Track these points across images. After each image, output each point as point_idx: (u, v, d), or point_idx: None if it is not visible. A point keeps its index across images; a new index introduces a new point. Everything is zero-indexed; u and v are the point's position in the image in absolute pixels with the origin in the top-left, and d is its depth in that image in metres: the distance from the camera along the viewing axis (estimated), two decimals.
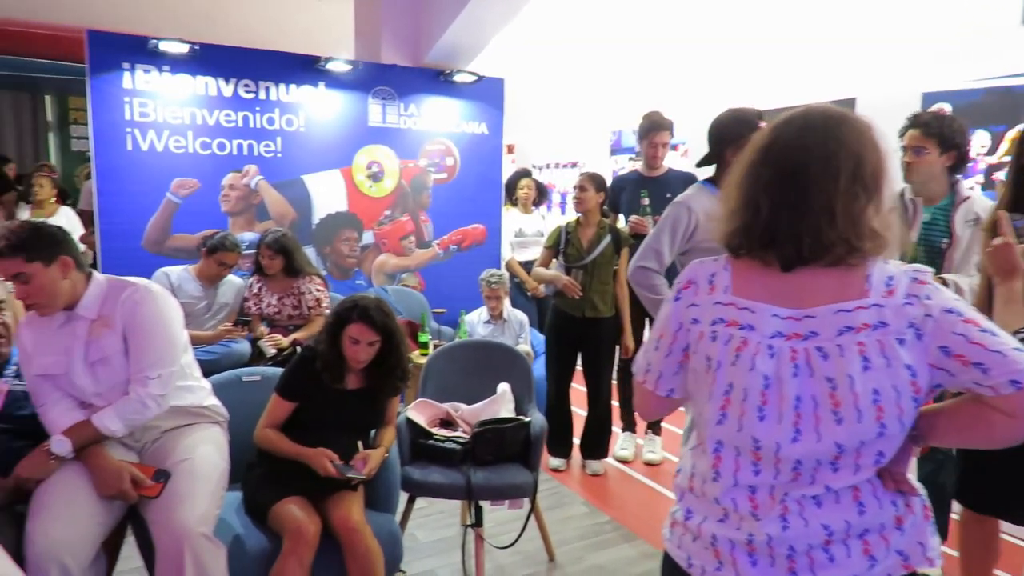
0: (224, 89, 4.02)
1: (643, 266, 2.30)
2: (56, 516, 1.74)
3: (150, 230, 3.92)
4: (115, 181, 3.79)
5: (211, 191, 4.07)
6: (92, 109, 3.71)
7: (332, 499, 2.09)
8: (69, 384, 1.94)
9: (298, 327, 3.64)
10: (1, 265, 1.83)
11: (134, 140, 3.80)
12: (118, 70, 3.72)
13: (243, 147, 4.12)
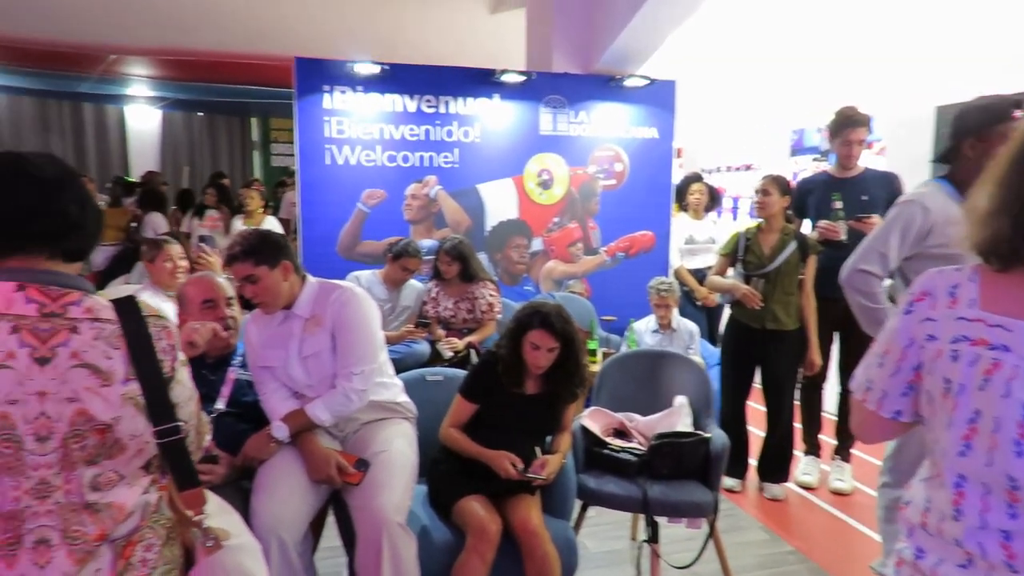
0: (409, 105, 4.31)
1: (864, 270, 2.08)
2: (275, 495, 1.93)
3: (343, 237, 4.29)
4: (315, 192, 4.20)
5: (395, 201, 4.38)
6: (298, 128, 4.15)
7: (511, 501, 2.13)
8: (285, 375, 2.15)
9: (472, 330, 3.78)
10: (235, 267, 2.07)
11: (331, 155, 4.19)
12: (319, 92, 4.13)
13: (424, 159, 4.39)
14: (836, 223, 3.24)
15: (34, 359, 1.03)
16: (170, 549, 1.19)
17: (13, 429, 1.02)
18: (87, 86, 8.65)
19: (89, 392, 1.06)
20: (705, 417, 2.66)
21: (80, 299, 1.10)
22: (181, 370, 1.20)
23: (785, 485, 3.42)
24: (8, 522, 1.03)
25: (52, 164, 1.13)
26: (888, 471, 2.13)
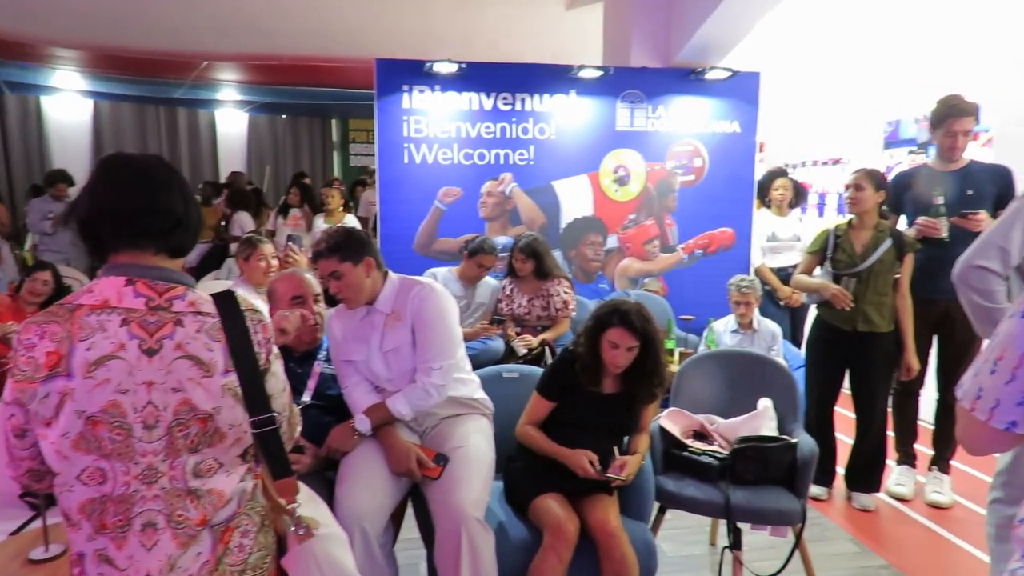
0: (485, 103, 4.34)
1: (982, 266, 1.92)
2: (358, 486, 1.98)
3: (420, 234, 4.37)
4: (394, 191, 4.29)
5: (471, 198, 4.41)
6: (378, 128, 4.24)
7: (589, 501, 2.11)
8: (367, 369, 2.20)
9: (546, 328, 3.77)
10: (321, 263, 2.13)
11: (409, 154, 4.27)
12: (399, 92, 4.21)
13: (500, 156, 4.40)
14: (937, 219, 3.03)
15: (143, 350, 1.09)
16: (264, 535, 1.24)
17: (124, 417, 1.08)
18: (181, 92, 9.17)
19: (192, 382, 1.12)
20: (791, 422, 2.55)
21: (184, 293, 1.15)
22: (275, 363, 1.24)
23: (876, 495, 3.24)
24: (119, 505, 1.09)
25: (159, 164, 1.19)
26: (1000, 486, 1.97)
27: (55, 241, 5.81)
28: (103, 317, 1.08)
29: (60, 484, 1.10)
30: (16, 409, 1.08)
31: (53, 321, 1.07)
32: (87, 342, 1.06)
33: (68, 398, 1.05)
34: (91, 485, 1.09)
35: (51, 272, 3.78)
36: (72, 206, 1.16)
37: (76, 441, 1.07)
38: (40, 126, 9.64)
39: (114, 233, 1.13)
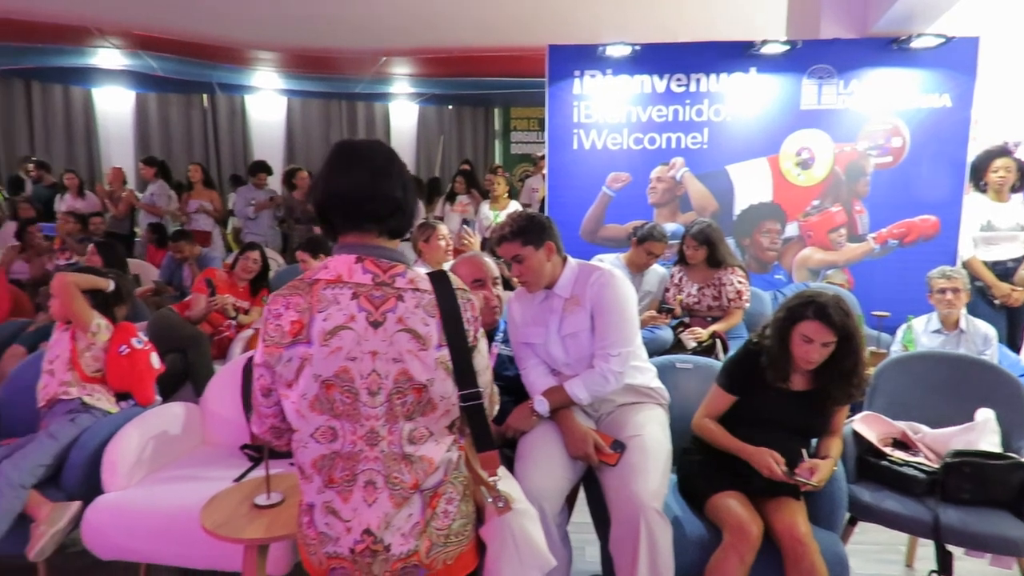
0: (658, 85, 4.21)
1: None
2: (537, 466, 2.01)
3: (587, 221, 4.36)
4: (562, 177, 4.31)
5: (640, 184, 4.32)
6: (549, 114, 4.28)
7: (773, 503, 1.99)
8: (545, 353, 2.23)
9: (716, 319, 3.61)
10: (503, 247, 2.18)
11: (579, 140, 4.26)
12: (570, 77, 4.21)
13: (671, 140, 4.26)
14: None
15: (369, 322, 1.18)
16: (466, 504, 1.29)
17: (352, 382, 1.18)
18: (361, 87, 9.88)
19: (410, 354, 1.19)
20: (1018, 438, 2.23)
21: (404, 271, 1.23)
22: (482, 340, 1.29)
23: None
24: (346, 462, 1.19)
25: (381, 152, 1.27)
26: None
27: (256, 225, 6.51)
28: (337, 291, 1.18)
29: (297, 440, 1.22)
30: (265, 371, 1.22)
31: (296, 294, 1.19)
32: (324, 313, 1.17)
33: (307, 363, 1.16)
34: (323, 443, 1.19)
35: (259, 251, 4.24)
36: (310, 190, 1.28)
37: (312, 402, 1.18)
38: (244, 122, 10.87)
39: (343, 216, 1.23)
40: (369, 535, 1.19)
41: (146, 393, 2.70)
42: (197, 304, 3.83)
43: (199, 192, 6.43)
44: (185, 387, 3.49)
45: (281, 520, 1.80)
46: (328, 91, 10.44)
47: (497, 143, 11.62)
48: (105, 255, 4.06)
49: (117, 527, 2.17)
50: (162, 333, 3.46)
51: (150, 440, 2.42)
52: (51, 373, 2.56)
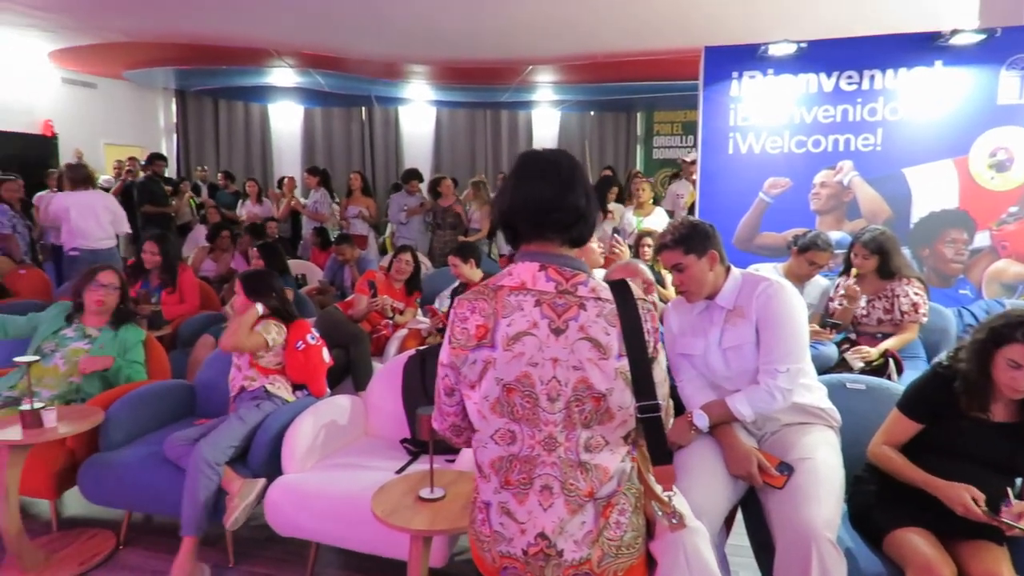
0: (825, 84, 3.94)
1: None
2: (698, 482, 1.94)
3: (741, 228, 4.17)
4: (715, 182, 4.15)
5: (800, 189, 4.07)
6: (703, 117, 4.14)
7: (968, 547, 1.78)
8: (704, 365, 2.15)
9: (887, 335, 3.30)
10: (664, 255, 2.13)
11: (735, 144, 4.09)
12: (727, 79, 4.06)
13: (839, 143, 3.97)
14: None
15: (551, 329, 1.19)
16: (637, 517, 1.27)
17: (532, 388, 1.20)
18: (507, 96, 10.14)
19: (591, 363, 1.19)
20: None
21: (586, 280, 1.23)
22: (661, 352, 1.26)
23: None
24: (524, 465, 1.22)
25: (566, 162, 1.29)
26: None
27: (408, 229, 6.87)
28: (520, 297, 1.21)
29: (477, 440, 1.26)
30: (450, 371, 1.27)
31: (481, 299, 1.23)
32: (508, 319, 1.20)
33: (490, 366, 1.20)
34: (502, 444, 1.23)
35: (411, 254, 4.47)
36: (497, 198, 1.32)
37: (494, 404, 1.21)
38: (397, 132, 11.54)
39: (529, 225, 1.26)
40: (543, 539, 1.20)
41: (319, 385, 2.93)
42: (359, 304, 4.10)
43: (357, 199, 6.90)
44: (346, 381, 3.75)
45: (443, 514, 1.87)
46: (474, 101, 10.83)
47: (639, 148, 11.45)
48: (266, 257, 4.47)
49: (294, 506, 2.36)
50: (328, 330, 3.73)
51: (322, 428, 2.62)
52: (238, 368, 2.85)
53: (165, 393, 2.94)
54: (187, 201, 7.99)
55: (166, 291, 4.27)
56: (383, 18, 6.40)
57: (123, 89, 9.84)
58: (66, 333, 2.99)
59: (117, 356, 2.98)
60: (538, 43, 7.30)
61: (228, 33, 7.07)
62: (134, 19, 6.62)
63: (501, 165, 11.18)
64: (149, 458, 2.56)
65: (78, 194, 5.17)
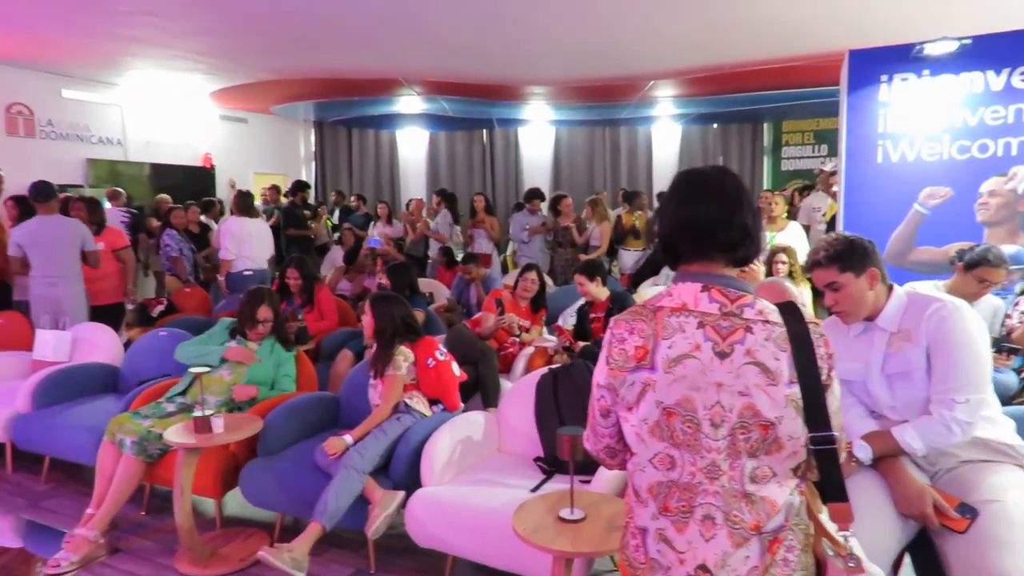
0: (993, 83, 3.58)
1: None
2: (862, 521, 1.74)
3: (893, 242, 3.85)
4: (861, 194, 3.87)
5: (963, 200, 3.70)
6: (847, 125, 3.89)
7: None
8: (863, 392, 1.99)
9: None
10: (816, 273, 2.00)
11: (884, 152, 3.80)
12: (874, 83, 3.79)
13: (1011, 146, 3.58)
14: None
15: (715, 352, 1.15)
16: (806, 555, 1.19)
17: (694, 412, 1.15)
18: (626, 112, 10.05)
19: (758, 389, 1.13)
20: None
21: (752, 302, 1.17)
22: (835, 380, 1.18)
23: None
24: (683, 492, 1.17)
25: (731, 180, 1.24)
26: None
27: (529, 248, 6.94)
28: (681, 319, 1.17)
29: (634, 464, 1.23)
30: (606, 392, 1.25)
31: (640, 319, 1.20)
32: (668, 341, 1.16)
33: (650, 388, 1.17)
34: (660, 469, 1.19)
35: (536, 272, 4.51)
36: (658, 217, 1.28)
37: (653, 427, 1.18)
38: (516, 153, 11.77)
39: (693, 245, 1.22)
40: (704, 571, 1.14)
41: (453, 400, 3.01)
42: (486, 321, 4.18)
43: (481, 219, 7.08)
44: (475, 397, 3.82)
45: (584, 536, 1.85)
46: (593, 119, 10.83)
47: (766, 160, 10.95)
48: (393, 278, 4.65)
49: (433, 518, 2.43)
50: (457, 347, 3.83)
51: (458, 444, 2.68)
52: (374, 387, 2.98)
53: (314, 404, 3.13)
54: (325, 224, 8.56)
55: (306, 309, 4.58)
56: (508, 42, 6.57)
57: (270, 122, 10.75)
58: (230, 346, 3.28)
59: (272, 368, 3.22)
60: (662, 57, 7.18)
61: (363, 66, 7.54)
62: (282, 59, 7.23)
63: (620, 182, 11.07)
64: (301, 464, 2.74)
65: (245, 220, 5.69)
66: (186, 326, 4.31)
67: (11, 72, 7.21)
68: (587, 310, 4.09)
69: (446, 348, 3.29)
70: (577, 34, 6.32)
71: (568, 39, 6.49)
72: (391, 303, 3.05)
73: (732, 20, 5.73)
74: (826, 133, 9.97)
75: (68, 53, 6.88)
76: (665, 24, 5.88)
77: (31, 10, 5.39)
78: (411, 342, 3.01)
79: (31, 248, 4.48)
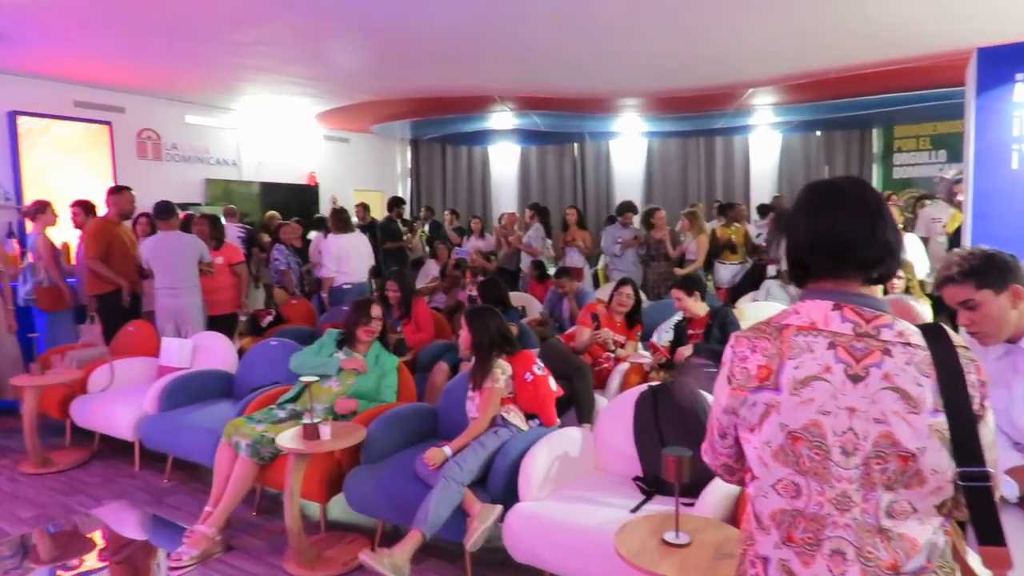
0: None
1: None
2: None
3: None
4: (992, 203, 3.57)
5: None
6: (975, 130, 3.60)
7: None
8: (1008, 422, 1.82)
9: None
10: (948, 291, 1.85)
11: (1020, 157, 3.48)
12: (1007, 83, 3.50)
13: None
14: None
15: (847, 375, 1.07)
16: None
17: (823, 438, 1.08)
18: (722, 122, 9.77)
19: (897, 416, 1.04)
20: None
21: (891, 323, 1.09)
22: (989, 411, 1.08)
23: None
24: (810, 523, 1.10)
25: (870, 192, 1.16)
26: None
27: (621, 262, 6.85)
28: (810, 338, 1.10)
29: (756, 489, 1.17)
30: (726, 412, 1.19)
31: (763, 337, 1.14)
32: (795, 361, 1.10)
33: (773, 410, 1.11)
34: (784, 496, 1.12)
35: (631, 287, 4.43)
36: (787, 232, 1.21)
37: (776, 451, 1.12)
38: (608, 166, 11.69)
39: (828, 261, 1.14)
40: None
41: (550, 415, 3.00)
42: (581, 336, 4.14)
43: (573, 232, 7.05)
44: (568, 413, 3.79)
45: (691, 562, 1.78)
46: (686, 129, 10.60)
47: (875, 167, 10.32)
48: (483, 292, 4.69)
49: (531, 534, 2.41)
50: (551, 361, 3.81)
51: (555, 459, 2.66)
52: (472, 400, 3.01)
53: (414, 415, 3.21)
54: (420, 238, 8.81)
55: (404, 321, 4.71)
56: (601, 55, 6.54)
57: (369, 141, 11.21)
58: (337, 356, 3.42)
59: (376, 379, 3.33)
60: (763, 64, 6.93)
61: (458, 84, 7.73)
62: (383, 81, 7.54)
63: (715, 193, 10.75)
64: (401, 473, 2.80)
65: (341, 237, 5.96)
66: (293, 336, 4.54)
67: (143, 101, 7.91)
68: (685, 326, 3.97)
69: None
70: (672, 43, 6.21)
71: (662, 49, 6.39)
72: (485, 315, 3.08)
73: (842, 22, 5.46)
74: (945, 138, 9.28)
75: (192, 82, 7.46)
76: (768, 29, 5.68)
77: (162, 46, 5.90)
78: (508, 354, 3.02)
79: (154, 261, 4.88)
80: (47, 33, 5.51)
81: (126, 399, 3.95)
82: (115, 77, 7.17)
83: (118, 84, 7.42)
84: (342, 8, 5.00)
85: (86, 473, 3.91)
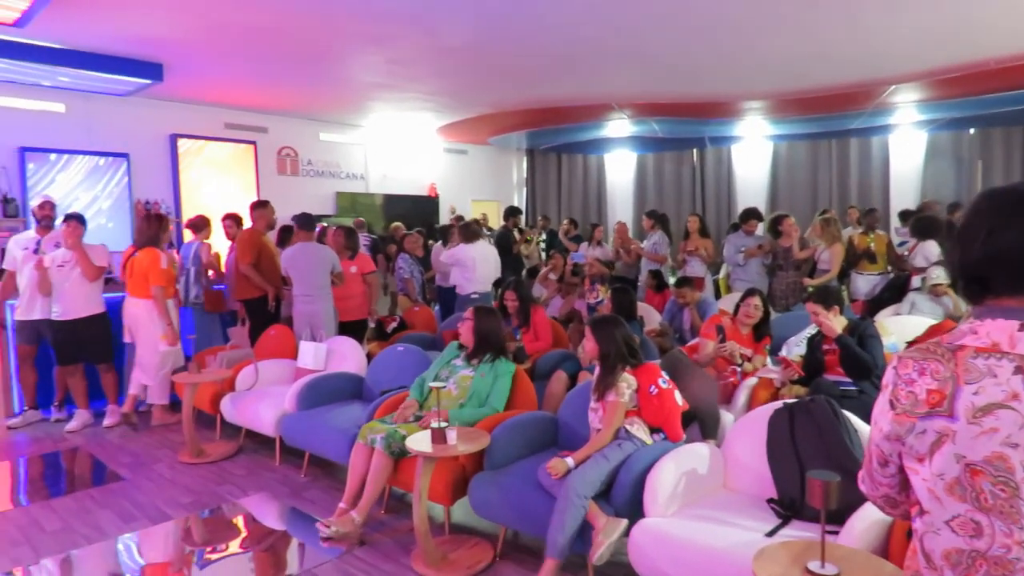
0: None
1: None
2: None
3: None
4: None
5: None
6: None
7: None
8: None
9: None
10: None
11: None
12: None
13: None
14: None
15: None
16: None
17: (1010, 473, 0.97)
18: (858, 122, 9.13)
19: None
20: None
21: None
22: None
23: None
24: (994, 567, 0.99)
25: None
26: None
27: (744, 271, 6.54)
28: (991, 362, 1.00)
29: (925, 524, 1.07)
30: (887, 440, 1.10)
31: (933, 359, 1.05)
32: (974, 386, 1.00)
33: (947, 439, 1.01)
34: (961, 535, 1.02)
35: (759, 298, 4.22)
36: (961, 243, 1.10)
37: (950, 485, 1.02)
38: (729, 171, 11.26)
39: (1012, 278, 1.03)
40: None
41: (675, 429, 2.91)
42: (704, 348, 4.00)
43: (695, 240, 6.84)
44: (691, 427, 3.66)
45: None
46: (816, 131, 10.00)
47: None
48: (616, 301, 4.63)
49: (658, 552, 2.35)
50: (674, 374, 3.71)
51: (682, 476, 2.57)
52: (595, 411, 2.98)
53: (535, 423, 3.22)
54: (536, 247, 8.88)
55: (523, 330, 4.76)
56: (723, 55, 6.33)
57: (486, 153, 11.49)
58: (456, 363, 3.51)
59: (490, 383, 3.40)
60: (908, 58, 6.42)
61: (575, 93, 7.76)
62: (501, 93, 7.71)
63: (849, 199, 10.03)
64: (524, 481, 2.82)
65: (467, 247, 6.14)
66: (415, 342, 4.72)
67: (283, 121, 8.56)
68: (819, 341, 3.72)
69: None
70: (804, 41, 5.89)
71: (793, 47, 6.08)
72: (611, 325, 3.05)
73: (999, 9, 4.96)
74: None
75: (327, 101, 8.00)
76: (915, 19, 5.26)
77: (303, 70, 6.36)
78: (633, 367, 2.97)
79: (292, 270, 5.25)
80: (204, 63, 6.12)
81: (268, 398, 4.26)
82: (260, 100, 7.83)
83: (262, 107, 8.10)
84: (465, 23, 5.17)
85: (234, 465, 4.26)
